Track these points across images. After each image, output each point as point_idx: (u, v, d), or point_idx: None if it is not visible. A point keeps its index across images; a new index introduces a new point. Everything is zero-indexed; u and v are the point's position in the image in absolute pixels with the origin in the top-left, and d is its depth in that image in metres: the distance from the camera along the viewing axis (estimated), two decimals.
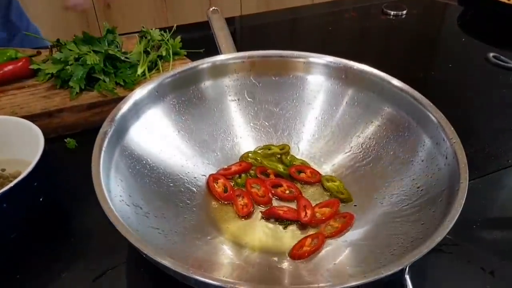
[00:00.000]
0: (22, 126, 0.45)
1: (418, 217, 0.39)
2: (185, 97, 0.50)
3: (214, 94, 0.51)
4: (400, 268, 0.29)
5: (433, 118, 0.42)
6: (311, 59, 0.52)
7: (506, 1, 0.83)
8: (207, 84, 0.50)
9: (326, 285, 0.28)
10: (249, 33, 0.87)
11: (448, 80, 0.69)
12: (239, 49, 0.56)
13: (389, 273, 0.28)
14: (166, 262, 0.29)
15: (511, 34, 0.81)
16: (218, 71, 0.51)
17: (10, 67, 0.58)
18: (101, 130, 0.40)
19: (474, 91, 0.66)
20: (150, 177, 0.43)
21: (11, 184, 0.38)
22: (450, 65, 0.73)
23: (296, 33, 0.89)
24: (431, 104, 0.43)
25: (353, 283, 0.27)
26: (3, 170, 0.48)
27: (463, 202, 0.34)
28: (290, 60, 0.53)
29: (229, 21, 0.72)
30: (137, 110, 0.44)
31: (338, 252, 0.40)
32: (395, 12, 0.89)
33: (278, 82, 0.54)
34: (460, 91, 0.67)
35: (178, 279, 0.30)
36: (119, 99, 0.54)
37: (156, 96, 0.46)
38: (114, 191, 0.36)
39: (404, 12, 0.89)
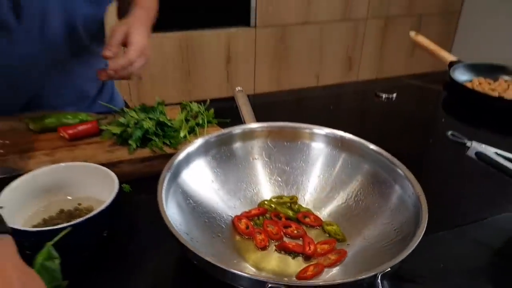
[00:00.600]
0: (100, 171, 0.61)
1: (392, 250, 0.53)
2: (220, 154, 0.66)
3: (241, 153, 0.67)
4: (369, 275, 0.43)
5: (401, 172, 0.58)
6: (315, 130, 0.69)
7: (486, 92, 1.02)
8: (236, 145, 0.67)
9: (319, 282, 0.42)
10: (263, 107, 1.06)
11: (423, 151, 0.85)
12: (257, 120, 0.73)
13: (362, 277, 0.42)
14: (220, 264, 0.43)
15: (483, 118, 0.99)
16: (245, 136, 0.68)
17: (83, 126, 0.76)
18: (163, 172, 0.56)
19: (439, 162, 0.82)
20: (193, 212, 0.58)
21: (91, 214, 0.53)
22: (431, 140, 0.90)
23: (302, 109, 1.08)
24: (399, 162, 0.59)
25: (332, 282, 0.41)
26: (79, 204, 0.63)
27: (419, 239, 0.48)
28: (299, 131, 0.70)
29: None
30: (187, 159, 0.60)
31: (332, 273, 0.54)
32: (386, 95, 1.07)
33: (289, 146, 0.70)
34: (429, 163, 0.83)
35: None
36: (166, 155, 0.71)
37: (201, 151, 0.63)
38: (173, 219, 0.51)
39: (394, 95, 1.08)
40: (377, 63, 2.55)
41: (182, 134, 0.77)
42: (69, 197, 0.63)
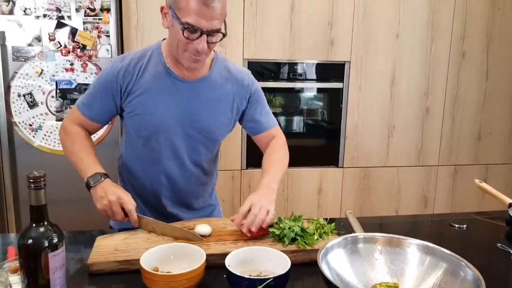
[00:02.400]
0: (273, 253, 1.04)
1: None
2: (346, 249, 1.06)
3: (361, 250, 1.07)
4: None
5: (464, 265, 0.93)
6: (410, 240, 1.07)
7: None
8: (359, 246, 1.07)
9: None
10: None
11: (485, 265, 1.17)
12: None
13: None
14: None
15: None
16: (365, 240, 1.08)
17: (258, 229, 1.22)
18: (319, 252, 0.97)
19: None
20: (335, 277, 0.97)
21: (279, 274, 0.95)
22: (493, 258, 1.22)
23: (384, 230, 1.45)
24: (465, 260, 0.95)
25: None
26: (261, 273, 1.04)
27: None
28: (399, 240, 1.09)
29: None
30: (332, 248, 1.02)
31: None
32: (458, 225, 1.43)
33: (391, 250, 1.08)
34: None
35: None
36: (306, 250, 1.12)
37: (341, 245, 1.04)
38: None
39: (465, 226, 1.42)
40: (450, 202, 2.86)
41: (315, 237, 1.20)
42: (255, 267, 1.05)
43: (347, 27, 2.51)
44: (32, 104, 2.05)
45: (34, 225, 0.82)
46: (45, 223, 0.83)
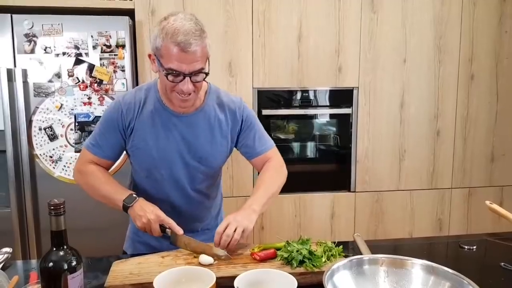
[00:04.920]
0: (281, 275, 1.07)
1: None
2: (351, 271, 1.08)
3: (367, 273, 1.09)
4: None
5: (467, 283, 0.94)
6: (414, 261, 1.09)
7: None
8: (364, 267, 1.09)
9: None
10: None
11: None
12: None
13: None
14: None
15: None
16: (370, 262, 1.11)
17: (267, 252, 1.24)
18: (324, 275, 1.00)
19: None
20: None
21: None
22: (502, 278, 1.21)
23: (398, 252, 1.46)
24: (468, 279, 0.96)
25: None
26: None
27: None
28: (403, 261, 1.10)
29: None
30: (338, 269, 1.04)
31: None
32: (468, 247, 1.43)
33: (397, 271, 1.10)
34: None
35: None
36: (314, 272, 1.15)
37: (346, 267, 1.06)
38: None
39: (474, 247, 1.42)
40: (465, 224, 2.82)
41: (323, 260, 1.22)
42: None
43: (354, 54, 2.57)
44: (53, 137, 2.15)
45: (54, 249, 0.89)
46: (65, 247, 0.90)
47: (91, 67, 2.15)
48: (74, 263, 0.88)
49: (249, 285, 1.05)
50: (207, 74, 1.26)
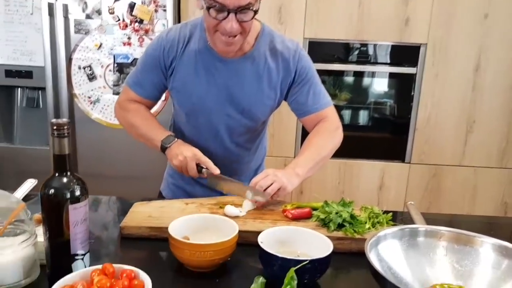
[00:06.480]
0: (313, 235, 0.90)
1: None
2: (401, 242, 0.89)
3: (422, 246, 0.89)
4: None
5: None
6: (484, 239, 0.87)
7: None
8: (418, 239, 0.90)
9: None
10: None
11: None
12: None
13: None
14: None
15: None
16: (426, 234, 0.90)
17: (301, 211, 1.08)
18: (367, 241, 0.81)
19: None
20: (387, 273, 0.80)
21: (319, 257, 0.80)
22: None
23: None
24: None
25: None
26: (298, 255, 0.91)
27: None
28: (471, 238, 0.89)
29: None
30: (385, 237, 0.85)
31: None
32: None
33: (459, 249, 0.89)
34: None
35: None
36: (354, 239, 0.97)
37: (392, 235, 0.87)
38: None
39: None
40: None
41: (367, 226, 1.03)
42: (292, 249, 0.92)
43: (425, 4, 2.24)
44: (91, 77, 2.10)
45: (57, 174, 0.79)
46: (68, 173, 0.79)
47: (132, 5, 2.04)
48: (78, 192, 0.78)
49: (276, 243, 0.90)
50: (256, 12, 1.09)
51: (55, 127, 0.77)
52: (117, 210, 1.22)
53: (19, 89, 2.22)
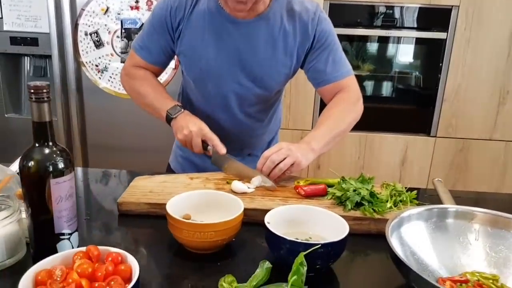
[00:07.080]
0: (328, 215, 0.80)
1: None
2: (427, 224, 0.78)
3: (451, 229, 0.78)
4: None
5: None
6: None
7: None
8: (447, 221, 0.79)
9: None
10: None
11: None
12: None
13: None
14: None
15: None
16: (453, 214, 0.80)
17: (315, 187, 0.98)
18: (389, 223, 0.71)
19: None
20: (408, 258, 0.70)
21: (331, 241, 0.71)
22: None
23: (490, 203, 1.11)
24: None
25: None
26: (310, 237, 0.81)
27: None
28: (505, 219, 0.77)
29: None
30: (409, 218, 0.75)
31: None
32: None
33: (493, 233, 0.78)
34: None
35: None
36: (373, 219, 0.87)
37: (421, 216, 0.77)
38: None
39: None
40: None
41: (388, 205, 0.93)
42: (303, 230, 0.83)
43: None
44: (98, 44, 2.00)
45: (37, 145, 0.70)
46: (50, 143, 0.71)
47: None
48: (61, 165, 0.70)
49: (284, 224, 0.81)
50: None
51: (32, 90, 0.68)
52: (121, 184, 1.14)
53: (26, 57, 2.15)
